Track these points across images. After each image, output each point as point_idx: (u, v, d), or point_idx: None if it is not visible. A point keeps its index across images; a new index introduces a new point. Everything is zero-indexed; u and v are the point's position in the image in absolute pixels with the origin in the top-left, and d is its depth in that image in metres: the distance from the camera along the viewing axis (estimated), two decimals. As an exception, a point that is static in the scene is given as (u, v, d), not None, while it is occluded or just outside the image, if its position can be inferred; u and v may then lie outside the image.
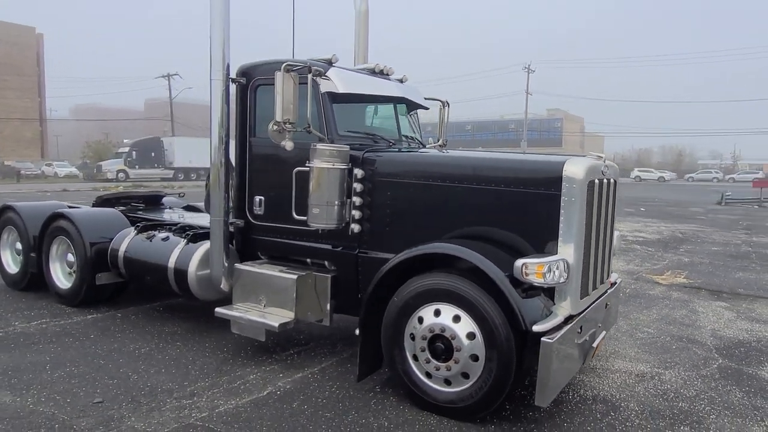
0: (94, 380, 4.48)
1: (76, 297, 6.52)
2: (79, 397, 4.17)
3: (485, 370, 3.77)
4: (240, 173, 5.33)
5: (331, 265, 4.97)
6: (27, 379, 4.48)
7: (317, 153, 4.54)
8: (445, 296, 3.92)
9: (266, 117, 5.17)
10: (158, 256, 5.83)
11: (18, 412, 3.90)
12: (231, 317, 5.02)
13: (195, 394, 4.28)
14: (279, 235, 5.17)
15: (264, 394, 4.31)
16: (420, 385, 4.04)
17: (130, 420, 3.82)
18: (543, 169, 4.13)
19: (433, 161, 4.75)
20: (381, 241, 4.66)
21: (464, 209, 4.38)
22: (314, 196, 4.57)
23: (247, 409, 4.03)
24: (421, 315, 4.01)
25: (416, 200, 4.55)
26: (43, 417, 3.83)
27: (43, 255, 6.87)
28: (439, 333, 3.90)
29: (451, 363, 3.87)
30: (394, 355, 4.15)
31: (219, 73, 5.10)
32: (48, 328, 5.79)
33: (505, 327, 3.70)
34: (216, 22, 5.04)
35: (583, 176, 3.94)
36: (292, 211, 4.95)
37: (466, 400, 3.85)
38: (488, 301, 3.76)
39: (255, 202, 5.25)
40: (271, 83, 5.00)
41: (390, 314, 4.16)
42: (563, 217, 3.95)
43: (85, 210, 7.01)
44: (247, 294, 5.14)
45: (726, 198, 28.29)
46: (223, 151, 5.19)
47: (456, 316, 3.87)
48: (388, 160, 4.74)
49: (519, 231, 4.17)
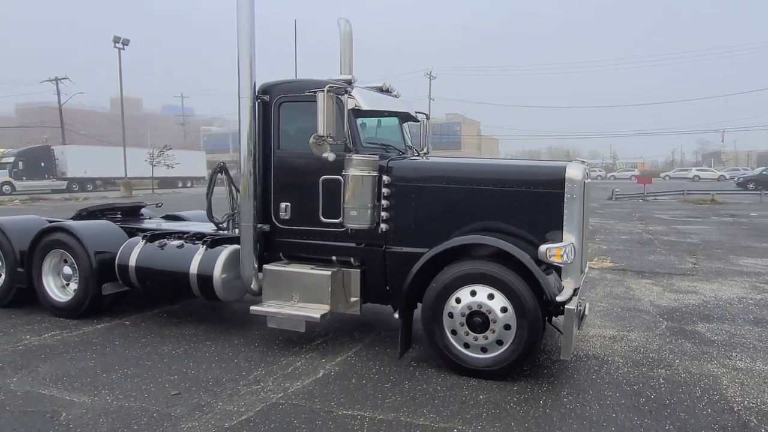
0: (154, 378, 4.81)
1: (79, 308, 6.59)
2: (153, 392, 4.51)
3: (517, 336, 4.65)
4: (264, 182, 5.81)
5: (357, 261, 5.61)
6: (88, 382, 4.71)
7: (353, 163, 5.20)
8: (479, 279, 4.75)
9: (289, 131, 5.77)
10: (177, 264, 6.13)
11: (107, 408, 4.19)
12: (268, 313, 5.52)
13: (259, 380, 4.76)
14: (306, 237, 5.72)
15: (320, 375, 4.88)
16: (459, 355, 4.84)
17: (218, 405, 4.26)
18: (549, 172, 5.10)
19: (453, 168, 5.56)
20: (406, 237, 5.38)
21: (479, 208, 5.23)
22: (351, 201, 5.22)
23: (315, 387, 4.60)
24: (458, 296, 4.81)
25: (437, 201, 5.33)
26: (136, 410, 4.16)
27: (34, 269, 6.83)
28: (477, 309, 4.73)
29: (487, 333, 4.71)
30: (434, 331, 4.91)
31: (247, 91, 5.58)
32: (66, 339, 5.89)
33: (532, 299, 4.60)
34: (243, 44, 5.52)
35: (580, 177, 4.95)
36: (319, 214, 5.55)
37: (500, 363, 4.70)
38: (517, 279, 4.64)
39: (281, 207, 5.75)
40: (295, 100, 5.63)
41: (429, 297, 4.92)
42: (566, 210, 4.93)
43: (84, 222, 7.04)
44: (279, 292, 5.65)
45: (616, 194, 31.76)
46: (252, 163, 5.66)
47: (490, 294, 4.71)
48: (411, 167, 5.49)
49: (527, 223, 5.09)
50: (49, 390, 4.54)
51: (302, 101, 5.60)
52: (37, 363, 5.17)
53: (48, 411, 4.14)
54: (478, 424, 3.93)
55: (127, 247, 6.53)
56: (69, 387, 4.60)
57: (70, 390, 4.54)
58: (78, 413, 4.09)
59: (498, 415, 4.08)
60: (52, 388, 4.58)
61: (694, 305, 7.39)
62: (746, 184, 40.89)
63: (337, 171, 5.40)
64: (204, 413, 4.11)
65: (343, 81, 5.64)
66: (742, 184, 41.50)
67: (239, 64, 5.56)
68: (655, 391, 4.54)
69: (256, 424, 3.93)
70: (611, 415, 4.11)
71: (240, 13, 5.48)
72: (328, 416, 4.06)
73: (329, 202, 5.50)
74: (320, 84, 5.49)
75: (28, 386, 4.60)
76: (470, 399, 4.37)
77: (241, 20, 5.49)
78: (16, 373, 4.92)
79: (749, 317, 6.80)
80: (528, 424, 3.94)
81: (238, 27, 5.52)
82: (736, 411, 4.19)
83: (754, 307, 7.26)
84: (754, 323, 6.54)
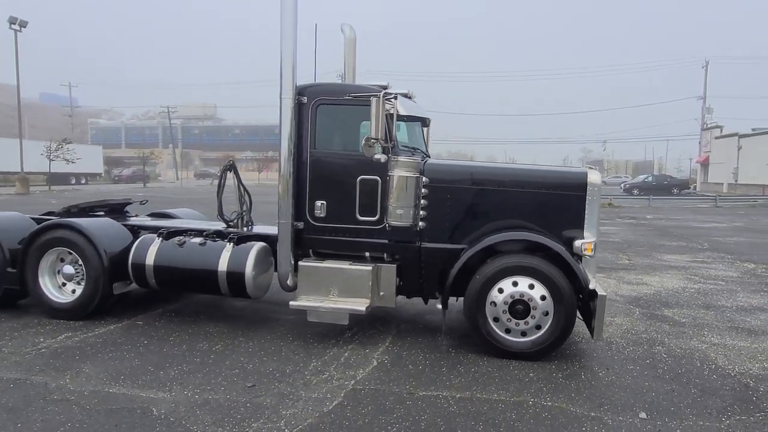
0: (215, 373, 4.86)
1: (86, 309, 6.33)
2: (226, 385, 4.59)
3: (554, 321, 5.27)
4: (299, 181, 5.98)
5: (390, 257, 5.96)
6: (149, 379, 4.68)
7: (398, 164, 5.59)
8: (521, 270, 5.32)
9: (326, 132, 6.01)
10: (203, 262, 6.13)
11: (195, 402, 4.24)
12: (309, 308, 5.72)
13: (320, 371, 4.98)
14: (340, 234, 5.97)
15: (375, 364, 5.20)
16: (501, 340, 5.37)
17: (300, 393, 4.45)
18: (573, 177, 5.79)
19: (485, 171, 6.08)
20: (440, 234, 5.82)
21: (507, 207, 5.80)
22: (396, 200, 5.60)
23: (380, 374, 4.91)
24: (501, 287, 5.35)
25: (469, 201, 5.83)
26: (225, 402, 4.25)
27: (29, 269, 6.44)
28: (519, 298, 5.29)
29: (528, 319, 5.29)
30: (478, 319, 5.41)
31: (288, 92, 5.76)
32: (86, 340, 5.68)
33: (568, 288, 5.25)
34: (286, 47, 5.69)
35: (599, 182, 5.69)
36: (355, 212, 5.84)
37: (539, 345, 5.30)
38: (555, 270, 5.27)
39: (316, 206, 5.96)
40: (334, 103, 5.89)
41: (474, 288, 5.41)
42: (587, 211, 5.64)
43: (90, 220, 6.73)
44: (315, 287, 5.86)
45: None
46: (292, 163, 5.83)
47: (530, 284, 5.30)
48: (446, 169, 5.95)
49: (550, 222, 5.74)
50: (116, 389, 4.47)
51: (341, 104, 5.87)
52: (75, 364, 4.99)
53: (135, 408, 4.11)
54: (545, 396, 4.48)
55: (142, 245, 6.38)
56: (134, 385, 4.55)
57: (139, 387, 4.50)
58: (169, 408, 4.12)
59: (556, 389, 4.66)
60: (116, 386, 4.51)
61: (650, 294, 8.50)
62: (632, 190, 45.60)
63: (374, 172, 5.75)
64: (294, 401, 4.30)
65: (379, 87, 5.97)
66: (628, 190, 46.21)
67: (281, 65, 5.72)
68: (665, 364, 5.36)
69: (353, 407, 4.19)
70: (644, 383, 4.84)
71: (284, 15, 5.65)
72: (411, 397, 4.42)
73: (365, 201, 5.81)
74: (359, 89, 5.82)
75: (90, 386, 4.49)
76: (524, 377, 4.92)
77: (284, 22, 5.66)
78: (61, 374, 4.74)
79: (699, 303, 7.99)
80: (585, 394, 4.56)
81: (281, 29, 5.68)
82: (734, 376, 5.10)
83: (698, 295, 8.51)
84: (705, 308, 7.71)
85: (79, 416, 3.95)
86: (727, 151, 50.26)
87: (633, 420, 4.09)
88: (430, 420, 4.01)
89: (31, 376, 4.68)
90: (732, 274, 10.38)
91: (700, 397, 4.58)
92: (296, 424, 3.90)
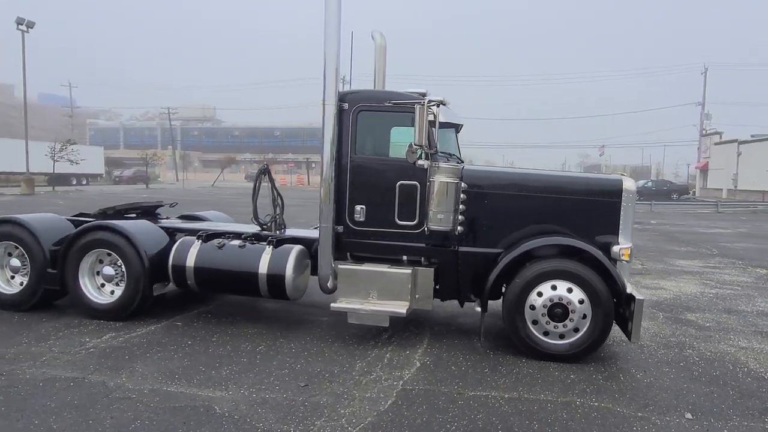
0: (266, 372, 4.99)
1: (126, 310, 6.44)
2: (280, 384, 4.72)
3: (592, 324, 5.42)
4: (338, 186, 6.11)
5: (428, 260, 6.09)
6: (203, 379, 4.80)
7: (440, 170, 5.74)
8: (559, 275, 5.47)
9: (367, 138, 6.15)
10: (244, 264, 6.25)
11: (254, 400, 4.36)
12: (350, 310, 5.84)
13: (367, 372, 5.11)
14: (379, 238, 6.10)
15: (419, 365, 5.33)
16: (539, 342, 5.51)
17: (354, 393, 4.58)
18: (609, 183, 5.94)
19: (522, 177, 6.23)
20: (477, 238, 5.97)
21: (544, 213, 5.95)
22: (438, 205, 5.74)
23: (425, 375, 5.04)
24: (540, 290, 5.49)
25: (506, 206, 5.97)
26: (284, 401, 4.37)
27: (69, 270, 6.55)
28: (558, 302, 5.43)
29: (567, 322, 5.44)
30: (517, 322, 5.54)
31: (332, 99, 5.89)
32: (131, 341, 5.80)
33: (606, 292, 5.39)
34: (330, 54, 5.83)
35: (634, 188, 5.85)
36: (395, 217, 5.98)
37: (577, 347, 5.45)
38: (593, 275, 5.41)
39: (356, 210, 6.09)
40: (375, 110, 6.03)
41: (512, 292, 5.55)
42: (622, 217, 5.79)
43: (130, 222, 6.85)
44: (355, 290, 5.99)
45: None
46: (334, 167, 5.96)
47: (569, 288, 5.44)
48: (484, 175, 6.09)
49: (585, 227, 5.88)
50: (174, 387, 4.59)
51: (382, 111, 6.01)
52: (127, 364, 5.11)
53: (198, 406, 4.24)
54: (591, 397, 4.62)
55: (182, 247, 6.50)
56: (190, 384, 4.67)
57: (196, 386, 4.62)
58: (230, 406, 4.24)
59: (599, 390, 4.80)
60: (173, 385, 4.63)
61: (670, 299, 8.66)
62: (632, 195, 45.78)
63: (413, 177, 5.89)
64: (350, 400, 4.43)
65: (418, 94, 6.11)
66: (629, 194, 46.39)
67: (325, 72, 5.86)
68: (699, 367, 5.51)
69: (408, 406, 4.33)
70: (683, 385, 4.99)
71: (327, 22, 5.79)
72: (462, 397, 4.55)
73: (404, 206, 5.95)
74: (399, 96, 5.97)
75: (148, 385, 4.61)
76: (565, 378, 5.06)
77: (328, 29, 5.79)
78: (116, 373, 4.86)
79: (719, 307, 8.16)
80: (629, 395, 4.70)
81: (325, 36, 5.82)
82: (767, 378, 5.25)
83: (717, 300, 8.68)
84: (726, 312, 7.87)
85: (146, 414, 4.07)
86: (726, 157, 50.63)
87: (680, 420, 4.23)
88: (486, 419, 4.14)
89: (87, 375, 4.79)
90: (746, 280, 10.55)
91: (740, 398, 4.72)
92: (357, 423, 4.03)
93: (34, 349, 5.45)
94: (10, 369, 4.88)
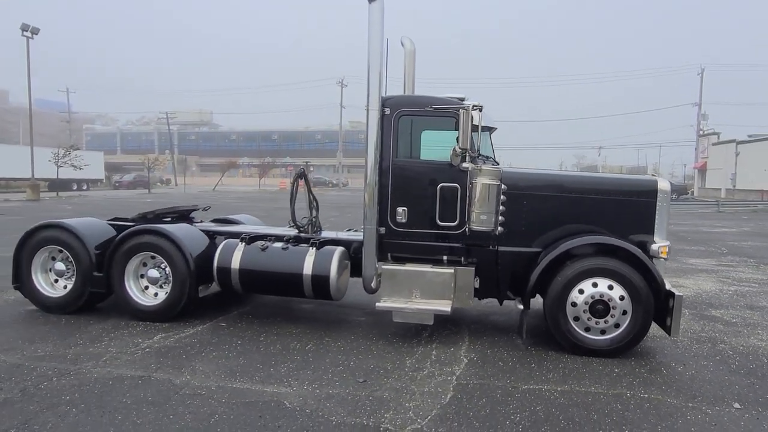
0: (323, 369, 5.16)
1: (172, 311, 6.60)
2: (339, 380, 4.89)
3: (632, 320, 5.61)
4: (381, 188, 6.29)
5: (467, 260, 6.28)
6: (264, 376, 4.96)
7: (483, 173, 5.93)
8: (600, 272, 5.66)
9: (408, 142, 6.34)
10: (288, 265, 6.43)
11: (319, 395, 4.53)
12: (396, 309, 6.02)
13: (418, 368, 5.28)
14: (420, 239, 6.29)
15: (466, 361, 5.51)
16: (580, 338, 5.71)
17: (412, 388, 4.75)
18: (644, 184, 6.15)
19: (559, 179, 6.44)
20: (516, 238, 6.16)
21: (580, 213, 6.15)
22: (481, 206, 5.93)
23: (476, 370, 5.23)
24: (581, 288, 5.69)
25: (544, 207, 6.17)
26: (348, 396, 4.55)
27: (115, 273, 6.71)
28: (599, 299, 5.63)
29: (608, 318, 5.63)
30: (559, 318, 5.74)
31: (375, 104, 6.09)
32: (182, 340, 5.96)
33: (646, 289, 5.59)
34: (374, 60, 6.02)
35: (668, 189, 6.06)
36: (436, 218, 6.17)
37: (617, 343, 5.64)
38: (633, 272, 5.61)
39: (398, 212, 6.27)
40: (416, 114, 6.22)
41: (555, 290, 5.74)
42: (658, 216, 6.00)
43: (174, 225, 7.01)
44: (398, 289, 6.18)
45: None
46: (377, 171, 6.15)
47: (610, 285, 5.64)
48: (522, 177, 6.29)
49: (621, 226, 6.08)
50: (239, 384, 4.75)
51: (423, 115, 6.21)
52: (186, 363, 5.27)
53: (268, 401, 4.40)
54: (639, 389, 4.82)
55: (226, 249, 6.67)
56: (252, 381, 4.84)
57: (259, 383, 4.79)
58: (299, 401, 4.41)
59: (645, 382, 4.99)
60: (238, 382, 4.79)
61: (692, 296, 8.87)
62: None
63: (453, 179, 6.09)
64: (410, 394, 4.61)
65: (457, 99, 6.31)
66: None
67: (369, 78, 6.05)
68: (735, 360, 5.71)
69: (468, 400, 4.51)
70: (723, 377, 5.19)
71: (371, 29, 5.98)
72: (517, 390, 4.74)
73: (445, 207, 6.15)
74: (440, 101, 6.16)
75: (213, 382, 4.77)
76: (610, 372, 5.25)
77: (372, 36, 5.99)
78: (179, 372, 5.02)
79: (741, 304, 8.38)
80: (675, 387, 4.90)
81: (369, 43, 6.01)
82: (802, 370, 5.46)
83: (737, 297, 8.90)
84: (749, 308, 8.09)
85: (221, 409, 4.24)
86: (725, 157, 51.12)
87: (729, 410, 4.43)
88: (546, 410, 4.33)
89: (151, 374, 4.95)
90: (761, 277, 10.79)
91: (781, 389, 4.93)
92: (424, 415, 4.20)
93: (91, 349, 5.60)
94: (75, 369, 5.03)
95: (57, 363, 5.17)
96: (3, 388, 4.55)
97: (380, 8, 5.98)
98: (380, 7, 5.97)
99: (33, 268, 6.98)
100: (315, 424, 4.03)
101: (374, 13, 5.97)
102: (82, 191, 50.61)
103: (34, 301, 7.01)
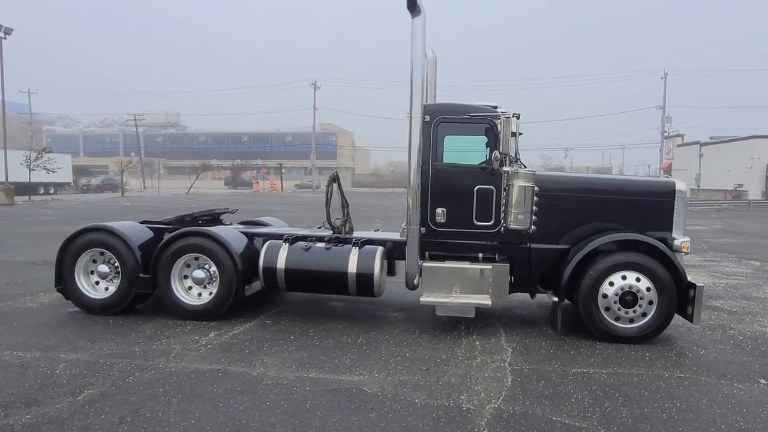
0: (383, 360, 5.53)
1: (219, 310, 6.87)
2: (402, 369, 5.27)
3: (658, 309, 6.17)
4: (422, 191, 6.70)
5: (501, 257, 6.75)
6: (331, 367, 5.30)
7: (519, 176, 6.40)
8: (628, 266, 6.21)
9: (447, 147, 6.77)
10: (333, 264, 6.77)
11: (391, 382, 4.91)
12: (438, 303, 6.45)
13: (472, 356, 5.71)
14: (457, 238, 6.73)
15: (511, 350, 5.97)
16: (611, 327, 6.24)
17: (474, 373, 5.18)
18: (663, 185, 6.74)
19: (586, 181, 6.98)
20: (547, 236, 6.67)
21: (605, 212, 6.70)
22: (518, 207, 6.40)
23: (524, 357, 5.69)
24: (611, 280, 6.22)
25: (572, 207, 6.69)
26: (419, 382, 4.94)
27: (161, 274, 6.93)
28: (628, 290, 6.17)
29: (636, 308, 6.18)
30: (591, 309, 6.25)
31: (418, 111, 6.50)
32: (237, 336, 6.24)
33: (670, 280, 6.16)
34: (416, 69, 6.43)
35: (686, 189, 6.66)
36: (473, 218, 6.63)
37: (645, 330, 6.19)
38: (658, 265, 6.18)
39: (437, 213, 6.69)
40: (454, 121, 6.66)
41: (587, 283, 6.26)
42: (676, 215, 6.59)
43: (220, 228, 7.28)
44: (439, 285, 6.60)
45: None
46: (420, 175, 6.55)
47: (637, 278, 6.19)
48: (553, 179, 6.81)
49: (641, 224, 6.65)
50: (314, 374, 5.09)
51: (461, 122, 6.65)
52: (253, 356, 5.57)
53: (349, 388, 4.76)
54: (675, 370, 5.36)
55: (271, 250, 6.97)
56: (324, 371, 5.18)
57: (333, 373, 5.13)
58: (378, 387, 4.78)
59: (677, 364, 5.54)
60: (312, 373, 5.13)
61: (690, 289, 9.55)
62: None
63: (489, 182, 6.55)
64: (474, 379, 5.03)
65: (491, 107, 6.77)
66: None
67: (412, 87, 6.46)
68: (748, 344, 6.33)
69: (529, 382, 4.96)
70: (742, 358, 5.79)
71: (414, 42, 6.39)
72: (568, 373, 5.21)
73: (482, 208, 6.60)
74: (477, 109, 6.62)
75: (288, 373, 5.09)
76: (642, 356, 5.79)
77: (414, 49, 6.39)
78: (250, 365, 5.32)
79: (736, 295, 9.10)
80: (705, 367, 5.46)
81: (412, 55, 6.41)
82: (808, 351, 6.11)
83: (731, 289, 9.63)
84: (745, 299, 8.81)
85: (310, 396, 4.57)
86: (689, 158, 53.34)
87: (758, 385, 5.01)
88: (601, 389, 4.82)
89: (226, 367, 5.24)
90: (745, 271, 11.62)
91: (795, 367, 5.55)
92: (497, 396, 4.64)
93: (155, 346, 5.84)
94: (151, 364, 5.28)
95: (130, 359, 5.40)
96: (93, 383, 4.78)
97: (422, 22, 6.39)
98: (422, 22, 6.39)
99: (76, 270, 7.14)
100: (402, 406, 4.41)
101: (417, 27, 6.38)
102: (50, 195, 49.33)
103: (77, 303, 7.16)
